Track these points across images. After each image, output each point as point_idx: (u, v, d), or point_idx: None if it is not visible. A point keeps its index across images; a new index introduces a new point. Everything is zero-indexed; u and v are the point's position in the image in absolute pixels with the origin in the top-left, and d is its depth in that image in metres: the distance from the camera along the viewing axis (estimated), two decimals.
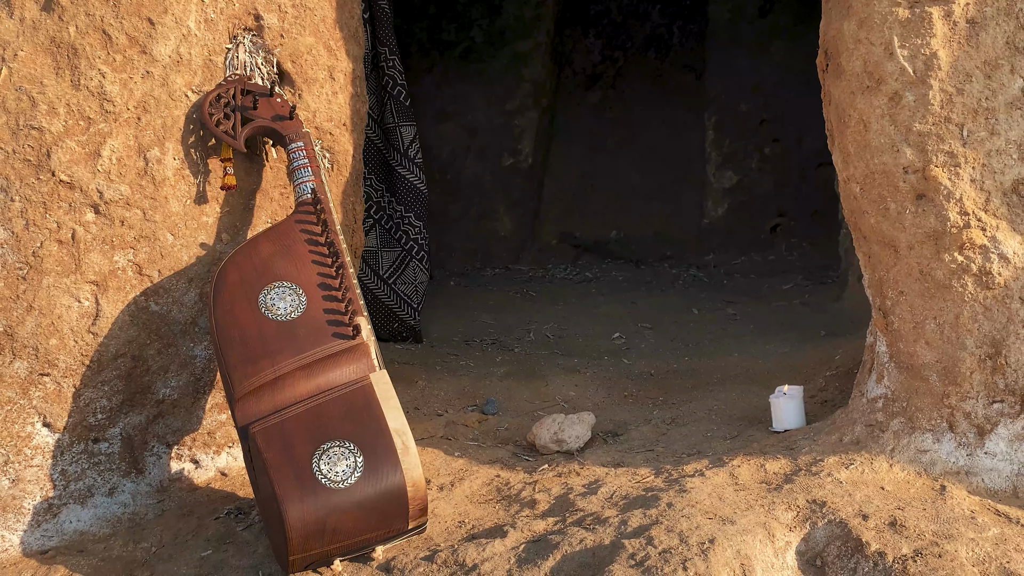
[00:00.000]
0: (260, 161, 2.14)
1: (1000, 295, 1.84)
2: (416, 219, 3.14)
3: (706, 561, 1.60)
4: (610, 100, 4.70)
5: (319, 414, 1.76)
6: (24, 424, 1.90)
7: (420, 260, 3.14)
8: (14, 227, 1.89)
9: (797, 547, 1.69)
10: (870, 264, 1.99)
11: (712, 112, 4.42)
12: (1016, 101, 1.84)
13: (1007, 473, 1.84)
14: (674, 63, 4.65)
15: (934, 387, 1.89)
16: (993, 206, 1.84)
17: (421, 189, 3.15)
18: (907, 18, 1.85)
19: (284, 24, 2.15)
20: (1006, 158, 1.84)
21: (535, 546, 1.72)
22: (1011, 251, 1.83)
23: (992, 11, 1.84)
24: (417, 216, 3.14)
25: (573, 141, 4.71)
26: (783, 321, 3.28)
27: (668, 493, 1.84)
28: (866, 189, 1.93)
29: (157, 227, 1.99)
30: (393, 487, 1.72)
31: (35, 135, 1.90)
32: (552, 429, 2.22)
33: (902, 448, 1.90)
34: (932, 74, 1.84)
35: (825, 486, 1.81)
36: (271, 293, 1.86)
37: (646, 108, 4.62)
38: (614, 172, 4.66)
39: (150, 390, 2.01)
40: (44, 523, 1.91)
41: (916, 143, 1.86)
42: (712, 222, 4.46)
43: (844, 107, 1.93)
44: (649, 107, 4.62)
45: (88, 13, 1.93)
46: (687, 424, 2.33)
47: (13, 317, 1.89)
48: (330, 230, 1.95)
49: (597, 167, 4.65)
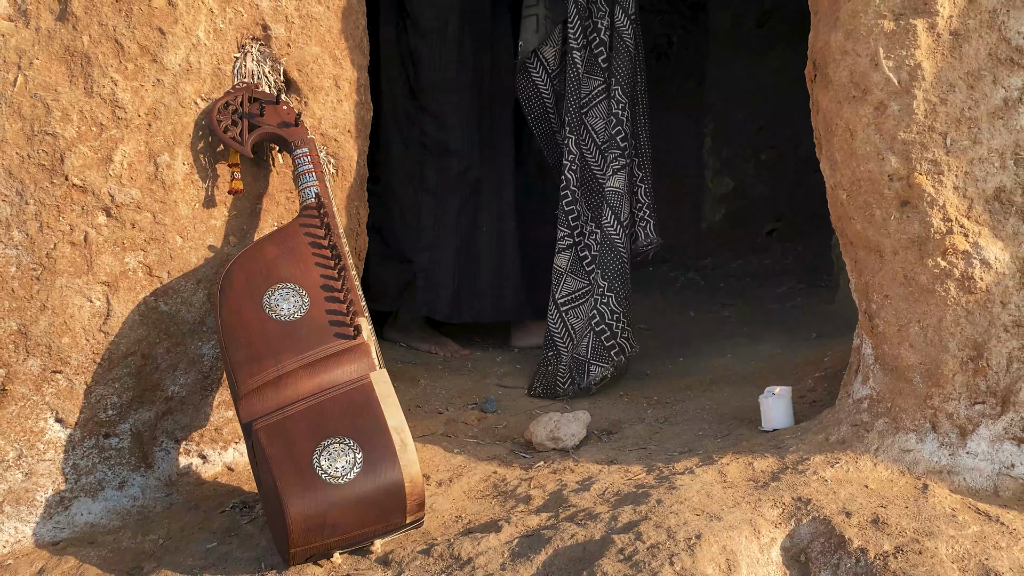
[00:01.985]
0: (267, 166, 2.15)
1: (982, 299, 1.84)
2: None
3: (692, 556, 1.60)
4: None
5: (320, 411, 1.77)
6: (37, 420, 1.92)
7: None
8: (28, 229, 1.90)
9: (782, 543, 1.69)
10: (856, 269, 2.00)
11: (710, 119, 4.42)
12: (998, 111, 1.84)
13: (988, 472, 1.84)
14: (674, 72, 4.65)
15: (918, 388, 1.89)
16: (975, 213, 1.84)
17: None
18: (892, 30, 1.85)
19: (291, 34, 2.16)
20: (988, 166, 1.84)
21: (528, 540, 1.73)
22: (992, 256, 1.84)
23: (975, 23, 1.84)
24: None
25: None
26: (776, 323, 3.28)
27: (658, 490, 1.84)
28: (852, 196, 1.93)
29: (167, 230, 2.01)
30: (391, 483, 1.73)
31: (49, 141, 1.91)
32: (548, 427, 2.23)
33: (886, 447, 1.90)
34: (916, 84, 1.85)
35: (810, 484, 1.82)
36: (275, 294, 1.88)
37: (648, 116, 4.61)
38: None
39: (159, 387, 2.03)
40: (56, 515, 1.92)
41: (901, 151, 1.86)
42: (710, 226, 4.46)
43: (831, 116, 1.94)
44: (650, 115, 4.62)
45: (101, 23, 1.95)
46: (679, 423, 2.34)
47: (27, 316, 1.90)
48: (333, 233, 1.96)
49: None
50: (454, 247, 2.97)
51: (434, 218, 2.97)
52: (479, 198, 3.00)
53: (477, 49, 2.97)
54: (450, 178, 2.96)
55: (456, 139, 2.94)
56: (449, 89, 2.94)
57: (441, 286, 2.97)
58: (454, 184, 2.96)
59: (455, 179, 2.96)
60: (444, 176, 2.96)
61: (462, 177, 2.96)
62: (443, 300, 2.97)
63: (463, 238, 2.98)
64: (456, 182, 2.96)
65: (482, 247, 3.01)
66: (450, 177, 2.96)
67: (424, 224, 2.97)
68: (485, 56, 2.99)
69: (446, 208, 2.96)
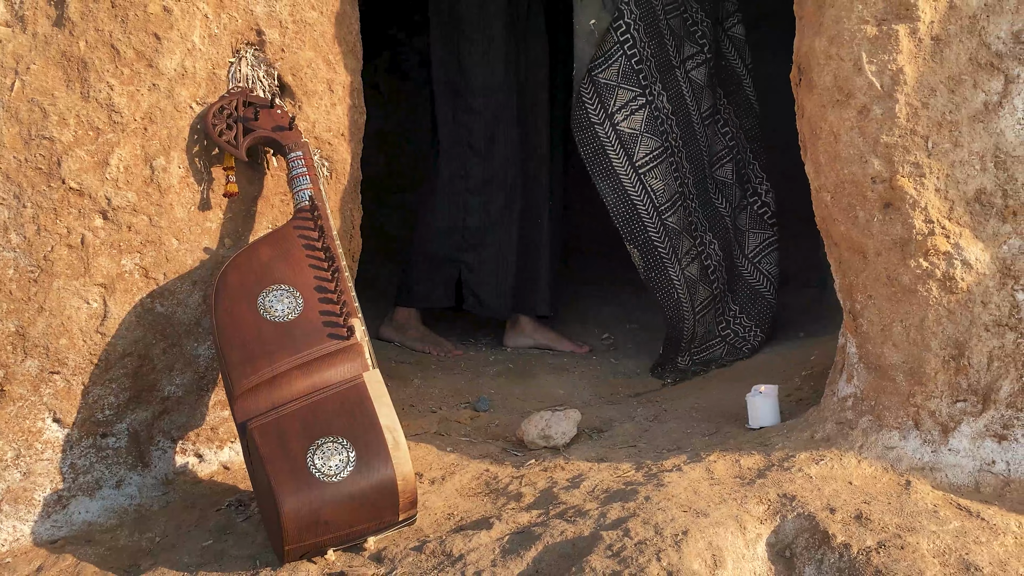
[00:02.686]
0: (261, 169, 2.16)
1: (963, 299, 1.85)
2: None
3: (679, 552, 1.62)
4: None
5: (314, 411, 1.78)
6: (35, 420, 1.93)
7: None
8: (26, 232, 1.91)
9: (767, 539, 1.71)
10: (840, 269, 2.01)
11: None
12: (978, 114, 1.85)
13: (969, 469, 1.85)
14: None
15: (901, 387, 1.90)
16: (956, 214, 1.86)
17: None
18: (875, 35, 1.87)
19: (285, 39, 2.17)
20: (969, 168, 1.86)
21: (519, 537, 1.74)
22: (973, 257, 1.85)
23: (956, 29, 1.86)
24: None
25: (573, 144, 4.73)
26: None
27: (646, 487, 1.86)
28: (836, 198, 1.95)
29: (163, 232, 2.01)
30: (384, 481, 1.74)
31: (46, 145, 1.92)
32: (540, 426, 2.25)
33: (870, 445, 1.92)
34: (899, 89, 1.86)
35: (796, 481, 1.83)
36: (270, 295, 1.89)
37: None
38: None
39: (156, 387, 2.04)
40: (54, 514, 1.93)
41: (883, 154, 1.88)
42: None
43: (816, 120, 1.95)
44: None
45: (97, 28, 1.96)
46: (669, 421, 2.35)
47: (25, 318, 1.91)
48: (327, 235, 1.97)
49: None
50: (498, 245, 3.01)
51: (480, 217, 2.99)
52: (515, 198, 3.03)
53: (518, 51, 3.00)
54: (494, 179, 2.99)
55: (500, 140, 2.97)
56: (497, 90, 2.96)
57: (484, 284, 3.01)
58: (497, 185, 2.99)
59: (498, 180, 2.99)
60: (488, 177, 2.99)
61: (503, 178, 2.99)
62: (489, 296, 3.02)
63: (505, 237, 3.02)
64: (499, 183, 2.99)
65: (518, 246, 3.05)
66: (494, 178, 2.99)
67: (470, 224, 2.99)
68: (523, 57, 3.02)
69: (490, 208, 2.99)
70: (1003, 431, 1.86)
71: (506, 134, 2.98)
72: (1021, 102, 1.85)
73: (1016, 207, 1.85)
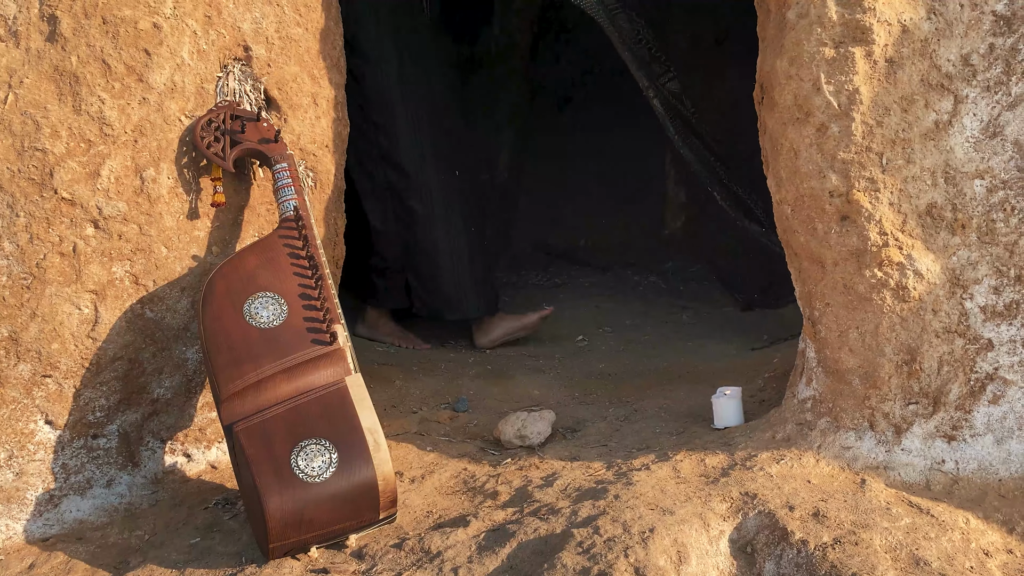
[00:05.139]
0: (248, 180, 2.16)
1: (915, 307, 1.88)
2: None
3: (646, 548, 1.63)
4: (580, 121, 4.74)
5: (298, 414, 1.78)
6: (28, 422, 1.91)
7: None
8: (19, 240, 1.90)
9: (730, 535, 1.72)
10: (800, 278, 2.04)
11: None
12: (930, 133, 1.88)
13: (921, 468, 1.88)
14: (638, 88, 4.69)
15: (856, 390, 1.93)
16: (909, 227, 1.89)
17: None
18: (833, 57, 1.89)
19: (271, 54, 2.16)
20: (921, 184, 1.89)
21: (494, 534, 1.75)
22: (925, 268, 1.88)
23: (908, 52, 1.88)
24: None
25: (546, 157, 4.75)
26: (732, 325, 3.32)
27: (616, 485, 1.87)
28: (796, 211, 1.97)
29: (152, 241, 2.01)
30: (365, 481, 1.75)
31: (39, 156, 1.91)
32: (516, 426, 2.25)
33: (828, 445, 1.94)
34: (855, 108, 1.88)
35: (757, 479, 1.85)
36: (255, 302, 1.88)
37: (613, 128, 4.66)
38: (584, 186, 4.69)
39: (145, 390, 2.03)
40: (46, 513, 1.92)
41: (840, 170, 1.90)
42: (671, 232, 4.50)
43: (777, 136, 1.97)
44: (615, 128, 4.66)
45: (89, 44, 1.95)
46: (638, 421, 2.36)
47: (18, 323, 1.90)
48: (311, 244, 1.97)
49: (568, 181, 4.69)
50: (435, 251, 3.02)
51: (409, 224, 3.01)
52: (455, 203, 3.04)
53: (415, 62, 3.02)
54: (419, 189, 3.00)
55: (406, 150, 2.99)
56: (394, 103, 2.98)
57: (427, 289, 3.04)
58: (422, 195, 3.00)
59: (423, 190, 3.01)
60: (412, 187, 3.01)
61: (427, 187, 3.01)
62: (438, 300, 3.06)
63: (444, 243, 3.04)
64: (422, 193, 3.01)
65: (458, 250, 3.07)
66: (419, 189, 3.00)
67: (403, 232, 3.01)
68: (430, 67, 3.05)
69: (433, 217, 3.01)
70: (952, 432, 1.88)
71: (414, 145, 2.99)
72: (970, 121, 1.88)
73: (964, 220, 1.88)
